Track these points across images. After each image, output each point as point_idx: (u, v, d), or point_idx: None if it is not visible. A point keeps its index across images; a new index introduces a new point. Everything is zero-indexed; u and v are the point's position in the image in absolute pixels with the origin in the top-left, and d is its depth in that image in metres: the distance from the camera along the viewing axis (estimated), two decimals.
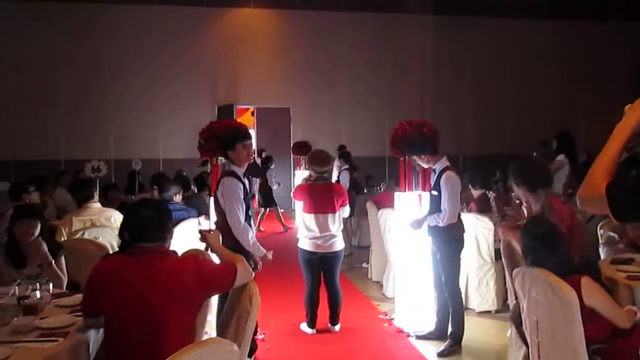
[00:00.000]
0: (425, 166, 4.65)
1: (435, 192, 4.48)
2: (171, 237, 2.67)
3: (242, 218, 3.99)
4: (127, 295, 2.37)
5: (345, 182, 8.13)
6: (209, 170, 7.93)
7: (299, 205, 5.01)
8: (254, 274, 2.79)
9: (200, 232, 3.17)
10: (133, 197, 7.60)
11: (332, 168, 6.99)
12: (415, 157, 4.62)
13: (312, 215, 4.82)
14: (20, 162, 12.01)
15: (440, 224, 4.40)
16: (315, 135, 12.47)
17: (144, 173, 9.45)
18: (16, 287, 2.97)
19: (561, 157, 6.76)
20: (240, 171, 4.10)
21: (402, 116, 5.40)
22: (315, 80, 13.45)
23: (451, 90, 13.85)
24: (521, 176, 3.56)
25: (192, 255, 2.70)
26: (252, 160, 4.84)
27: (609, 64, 14.22)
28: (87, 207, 4.87)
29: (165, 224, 2.60)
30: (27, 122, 12.16)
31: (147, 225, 2.53)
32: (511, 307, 3.46)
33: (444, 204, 4.36)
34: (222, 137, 4.32)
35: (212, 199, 4.34)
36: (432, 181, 4.57)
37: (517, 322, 3.18)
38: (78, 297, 3.03)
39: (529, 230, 2.98)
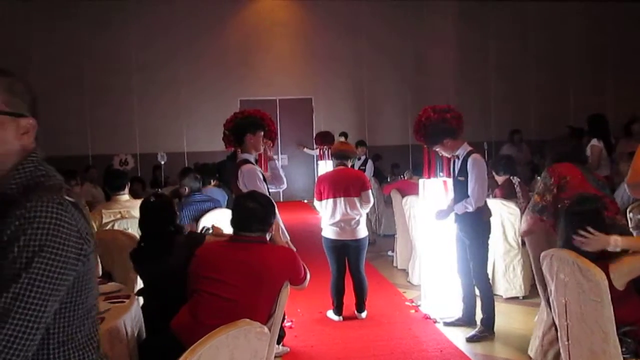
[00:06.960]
0: (449, 154, 4.55)
1: (461, 178, 4.39)
2: (272, 230, 2.89)
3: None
4: (228, 277, 2.63)
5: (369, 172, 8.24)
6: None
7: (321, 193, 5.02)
8: None
9: None
10: (159, 190, 7.69)
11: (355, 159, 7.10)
12: (437, 148, 4.53)
13: (332, 200, 4.84)
14: (48, 158, 12.17)
15: (470, 209, 4.32)
16: (337, 125, 12.45)
17: (169, 166, 9.57)
18: None
19: (595, 142, 6.50)
20: (252, 158, 4.21)
21: (426, 104, 5.33)
22: (337, 70, 13.40)
23: (476, 76, 13.67)
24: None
25: (283, 247, 2.97)
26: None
27: (637, 46, 13.88)
28: (115, 199, 4.94)
29: (269, 216, 2.82)
30: (54, 118, 12.37)
31: (253, 217, 2.78)
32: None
33: (471, 188, 4.29)
34: (246, 120, 4.39)
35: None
36: (457, 167, 4.49)
37: None
38: (112, 285, 3.11)
39: (572, 207, 2.93)
